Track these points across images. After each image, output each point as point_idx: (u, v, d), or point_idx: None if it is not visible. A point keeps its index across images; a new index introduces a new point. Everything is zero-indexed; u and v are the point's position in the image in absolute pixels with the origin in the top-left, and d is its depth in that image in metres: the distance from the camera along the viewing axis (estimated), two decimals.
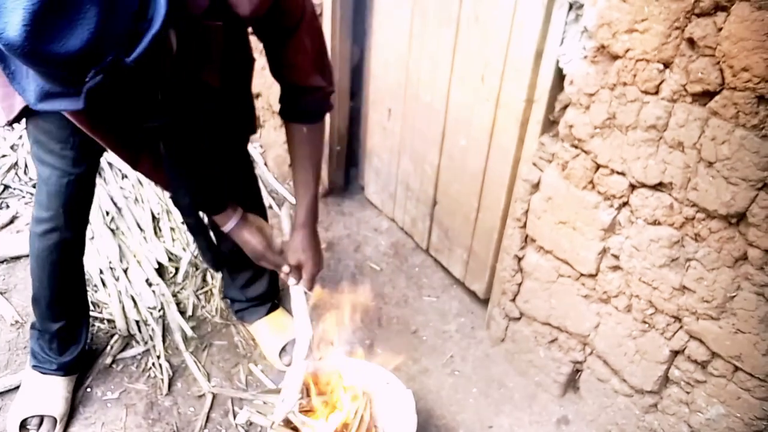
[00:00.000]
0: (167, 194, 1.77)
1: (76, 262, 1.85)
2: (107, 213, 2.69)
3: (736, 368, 1.49)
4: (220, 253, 1.85)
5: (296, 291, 1.75)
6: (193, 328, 2.25)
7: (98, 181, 2.35)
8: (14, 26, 0.86)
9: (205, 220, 1.79)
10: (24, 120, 1.58)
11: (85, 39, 0.89)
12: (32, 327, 1.92)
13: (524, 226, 1.97)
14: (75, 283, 1.88)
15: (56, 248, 1.74)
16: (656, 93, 1.46)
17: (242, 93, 1.72)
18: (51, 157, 1.61)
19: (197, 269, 2.48)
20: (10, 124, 1.54)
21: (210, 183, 1.65)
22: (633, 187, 1.60)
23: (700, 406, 1.61)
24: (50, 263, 1.76)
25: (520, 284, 2.06)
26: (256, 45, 1.59)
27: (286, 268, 1.73)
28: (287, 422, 1.66)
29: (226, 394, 2.03)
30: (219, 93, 1.42)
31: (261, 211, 2.14)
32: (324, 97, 1.66)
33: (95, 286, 2.36)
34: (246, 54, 1.64)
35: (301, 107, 1.64)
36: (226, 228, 1.68)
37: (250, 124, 1.83)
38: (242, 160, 1.99)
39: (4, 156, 3.10)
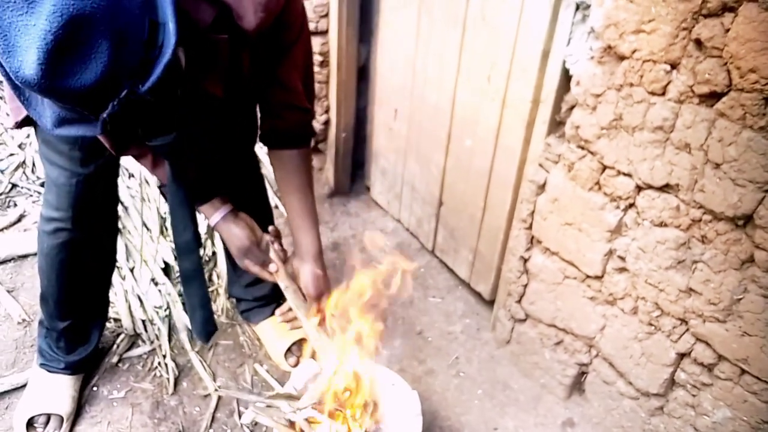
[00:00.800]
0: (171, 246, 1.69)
1: (88, 262, 1.83)
2: None
3: (743, 371, 1.48)
4: (212, 315, 1.76)
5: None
6: None
7: None
8: (29, 64, 0.88)
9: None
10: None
11: (99, 73, 0.90)
12: (40, 324, 1.93)
13: (530, 227, 1.96)
14: (86, 283, 1.87)
15: (65, 247, 1.74)
16: (663, 94, 1.45)
17: (247, 101, 1.70)
18: (59, 157, 1.61)
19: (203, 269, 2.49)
20: (19, 126, 1.55)
21: (207, 178, 1.61)
22: (639, 188, 1.59)
23: (707, 409, 1.60)
24: (59, 262, 1.76)
25: (525, 286, 2.05)
26: None
27: (273, 267, 1.67)
28: (290, 423, 1.66)
29: (233, 395, 2.04)
30: (224, 103, 1.42)
31: (267, 210, 2.15)
32: (310, 120, 1.65)
33: None
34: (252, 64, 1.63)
35: (290, 131, 1.62)
36: (213, 220, 1.63)
37: (256, 129, 1.82)
38: (248, 161, 1.99)
39: (11, 155, 3.11)
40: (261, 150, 3.12)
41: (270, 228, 1.71)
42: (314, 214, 1.69)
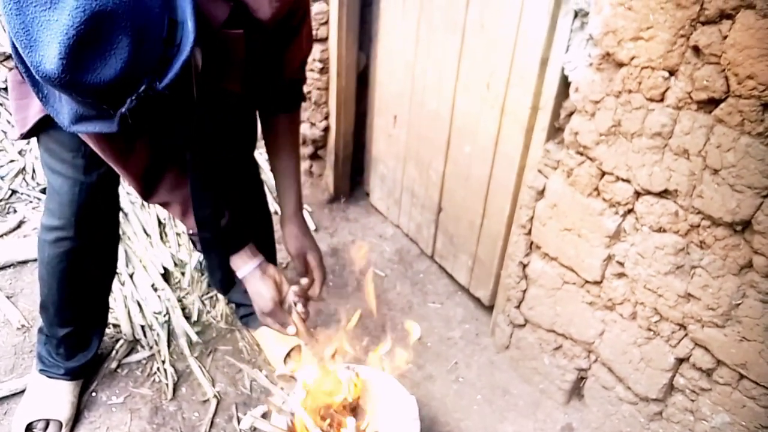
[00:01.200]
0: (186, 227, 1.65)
1: (89, 271, 1.82)
2: None
3: (742, 376, 1.49)
4: (232, 274, 1.73)
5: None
6: (198, 333, 2.26)
7: None
8: (51, 59, 0.89)
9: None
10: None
11: (119, 68, 0.92)
12: (40, 331, 1.92)
13: (529, 232, 1.97)
14: (86, 292, 1.86)
15: (66, 256, 1.73)
16: (661, 100, 1.46)
17: (260, 98, 1.69)
18: (62, 165, 1.61)
19: (202, 275, 2.49)
20: (25, 137, 1.55)
21: (232, 211, 1.59)
22: (638, 194, 1.60)
23: (705, 414, 1.60)
24: (60, 271, 1.75)
25: (524, 291, 2.06)
26: None
27: (291, 329, 1.62)
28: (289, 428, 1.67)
29: (231, 400, 2.04)
30: (242, 100, 1.43)
31: (267, 216, 2.15)
32: (302, 86, 1.68)
33: None
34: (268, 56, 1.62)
35: (285, 98, 1.64)
36: (241, 273, 1.60)
37: (256, 129, 1.83)
38: (249, 166, 1.99)
39: (11, 161, 3.11)
40: (259, 156, 3.13)
41: (295, 288, 1.67)
42: (298, 174, 1.72)
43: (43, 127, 1.54)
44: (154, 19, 0.94)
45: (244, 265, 1.60)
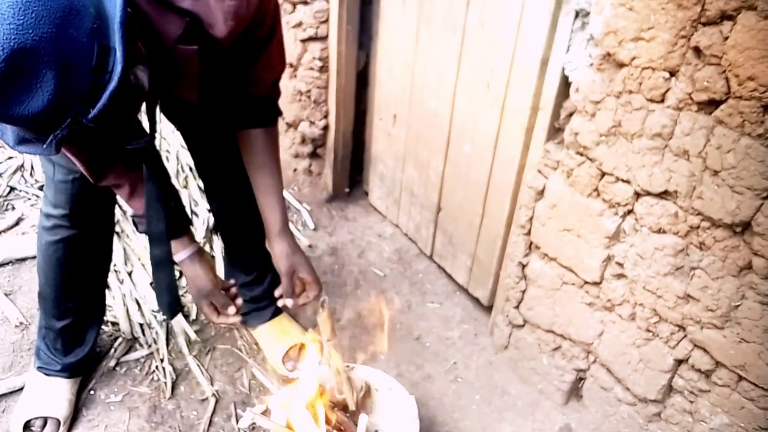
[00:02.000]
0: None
1: (85, 261, 1.83)
2: None
3: (740, 378, 1.49)
4: (178, 297, 1.77)
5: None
6: (196, 331, 2.25)
7: None
8: None
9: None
10: None
11: (45, 101, 0.92)
12: (39, 328, 1.93)
13: (528, 233, 1.97)
14: (83, 282, 1.87)
15: (62, 243, 1.75)
16: (662, 101, 1.46)
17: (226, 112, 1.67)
18: (58, 155, 1.61)
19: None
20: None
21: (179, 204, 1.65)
22: (638, 195, 1.60)
23: (704, 416, 1.60)
24: (56, 259, 1.77)
25: (524, 291, 2.06)
26: None
27: (232, 309, 1.71)
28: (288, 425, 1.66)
29: (229, 398, 2.04)
30: (203, 111, 1.41)
31: (259, 222, 2.14)
32: (276, 100, 1.66)
33: None
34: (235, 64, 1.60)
35: (259, 113, 1.62)
36: (180, 257, 1.65)
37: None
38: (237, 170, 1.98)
39: (10, 158, 3.11)
40: None
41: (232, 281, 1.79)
42: (280, 191, 1.70)
43: None
44: (81, 49, 0.93)
45: (183, 249, 1.65)
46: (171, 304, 1.72)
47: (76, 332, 1.93)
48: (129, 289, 2.37)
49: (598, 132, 1.62)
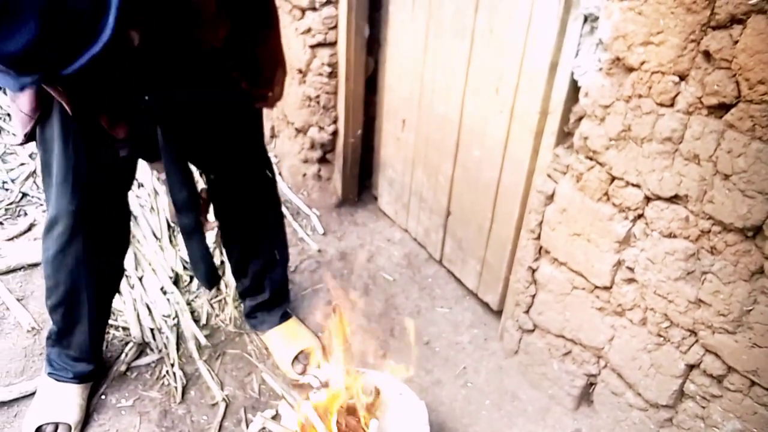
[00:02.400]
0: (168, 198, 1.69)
1: (90, 266, 1.79)
2: None
3: (753, 383, 1.48)
4: (214, 266, 1.76)
5: None
6: (206, 336, 2.26)
7: None
8: None
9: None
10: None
11: (21, 45, 0.94)
12: (48, 336, 1.94)
13: (538, 237, 1.96)
14: (92, 290, 1.85)
15: (66, 249, 1.72)
16: (672, 105, 1.45)
17: (253, 55, 1.63)
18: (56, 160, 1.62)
19: (191, 278, 2.50)
20: (26, 141, 1.56)
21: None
22: (648, 199, 1.59)
23: (716, 421, 1.59)
24: (65, 265, 1.75)
25: (533, 296, 2.05)
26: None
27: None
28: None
29: (240, 403, 2.04)
30: (221, 52, 1.40)
31: (279, 216, 2.15)
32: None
33: None
34: (258, 9, 1.58)
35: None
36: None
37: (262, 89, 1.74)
38: (258, 161, 1.98)
39: (22, 164, 3.14)
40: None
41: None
42: None
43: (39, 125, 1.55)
44: (73, 5, 0.95)
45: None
46: (207, 273, 1.71)
47: (87, 340, 1.92)
48: (140, 293, 2.38)
49: (607, 136, 1.62)
